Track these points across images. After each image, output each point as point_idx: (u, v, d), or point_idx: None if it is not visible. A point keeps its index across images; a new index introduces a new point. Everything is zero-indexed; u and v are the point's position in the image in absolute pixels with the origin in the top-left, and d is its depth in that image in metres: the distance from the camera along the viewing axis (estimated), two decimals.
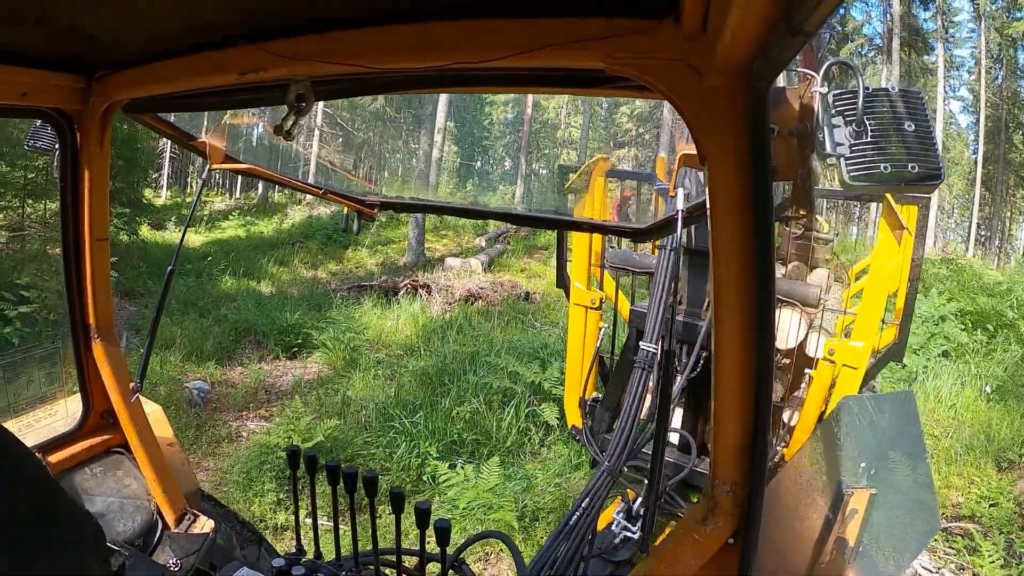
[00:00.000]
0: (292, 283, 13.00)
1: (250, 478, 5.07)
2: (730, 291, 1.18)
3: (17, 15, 1.34)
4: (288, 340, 8.76)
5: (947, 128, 29.50)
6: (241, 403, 6.84)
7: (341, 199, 2.55)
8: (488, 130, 36.47)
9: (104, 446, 2.32)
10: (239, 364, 8.08)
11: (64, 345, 2.30)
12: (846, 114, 1.08)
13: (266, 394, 7.20)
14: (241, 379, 7.57)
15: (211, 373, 7.52)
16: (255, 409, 6.78)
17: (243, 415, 6.60)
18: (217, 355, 8.10)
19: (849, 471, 2.05)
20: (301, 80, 1.36)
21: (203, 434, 5.97)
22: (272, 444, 5.41)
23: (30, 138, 2.16)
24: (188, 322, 8.99)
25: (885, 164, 1.08)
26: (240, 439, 6.01)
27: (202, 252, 14.45)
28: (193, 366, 7.58)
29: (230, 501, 4.84)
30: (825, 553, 1.80)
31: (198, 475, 4.82)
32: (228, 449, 5.79)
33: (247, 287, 12.01)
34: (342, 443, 5.81)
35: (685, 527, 1.36)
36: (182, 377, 7.11)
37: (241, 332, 8.91)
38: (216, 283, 12.01)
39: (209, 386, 7.06)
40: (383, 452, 5.70)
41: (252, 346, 8.69)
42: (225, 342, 8.54)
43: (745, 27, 0.88)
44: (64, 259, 2.09)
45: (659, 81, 1.12)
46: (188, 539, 2.23)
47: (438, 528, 1.70)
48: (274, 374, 7.85)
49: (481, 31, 1.22)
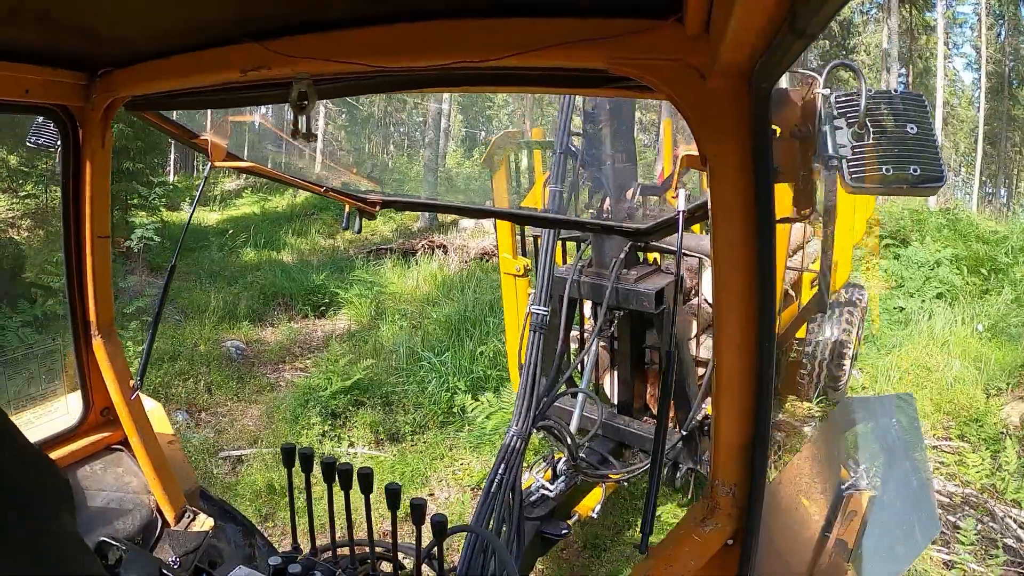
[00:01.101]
0: (312, 252, 13.40)
1: (296, 415, 5.69)
2: (731, 292, 1.18)
3: (20, 12, 1.34)
4: (315, 300, 9.31)
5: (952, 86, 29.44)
6: (276, 358, 7.45)
7: (342, 197, 2.55)
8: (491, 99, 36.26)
9: (104, 443, 2.32)
10: (270, 325, 8.63)
11: (65, 342, 2.30)
12: (848, 116, 1.08)
13: (299, 349, 7.78)
14: (273, 337, 8.14)
15: (245, 333, 8.11)
16: (290, 362, 7.38)
17: (279, 368, 7.20)
18: (249, 317, 8.65)
19: (848, 472, 2.06)
20: (304, 78, 1.36)
21: (245, 385, 6.56)
22: (314, 386, 6.01)
23: (32, 135, 2.16)
24: (218, 290, 9.46)
25: (887, 166, 1.08)
26: (279, 388, 6.60)
27: (219, 229, 14.86)
28: (228, 327, 8.11)
29: (279, 436, 5.45)
30: (824, 554, 1.80)
31: (246, 419, 5.90)
32: (269, 396, 6.36)
33: (268, 257, 12.50)
34: (377, 383, 6.33)
35: (685, 527, 1.36)
36: (218, 337, 7.66)
37: (269, 296, 9.44)
38: (239, 255, 12.50)
39: (244, 344, 7.65)
40: (415, 388, 6.21)
41: (281, 308, 9.24)
42: (255, 305, 9.08)
43: (748, 28, 0.88)
44: (65, 256, 2.09)
45: (661, 82, 1.12)
46: (187, 537, 2.23)
47: (434, 523, 1.70)
48: (304, 331, 8.44)
49: (484, 30, 1.22)
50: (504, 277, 4.36)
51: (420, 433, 5.65)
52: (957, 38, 29.84)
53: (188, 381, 6.38)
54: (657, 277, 3.41)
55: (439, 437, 5.53)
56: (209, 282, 9.95)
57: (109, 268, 2.16)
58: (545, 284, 3.27)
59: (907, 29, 28.03)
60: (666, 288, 3.29)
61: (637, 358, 3.77)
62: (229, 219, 16.52)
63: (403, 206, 3.27)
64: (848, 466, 2.08)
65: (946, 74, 28.93)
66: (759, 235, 1.12)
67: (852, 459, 2.10)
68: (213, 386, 6.43)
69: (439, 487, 4.96)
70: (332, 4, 1.28)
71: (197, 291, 9.36)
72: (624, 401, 3.74)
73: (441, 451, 5.34)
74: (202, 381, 6.43)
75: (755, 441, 1.25)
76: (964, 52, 29.85)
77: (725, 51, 0.98)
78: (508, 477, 2.78)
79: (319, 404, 5.75)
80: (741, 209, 1.12)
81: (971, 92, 29.05)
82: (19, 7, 1.31)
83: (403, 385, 6.30)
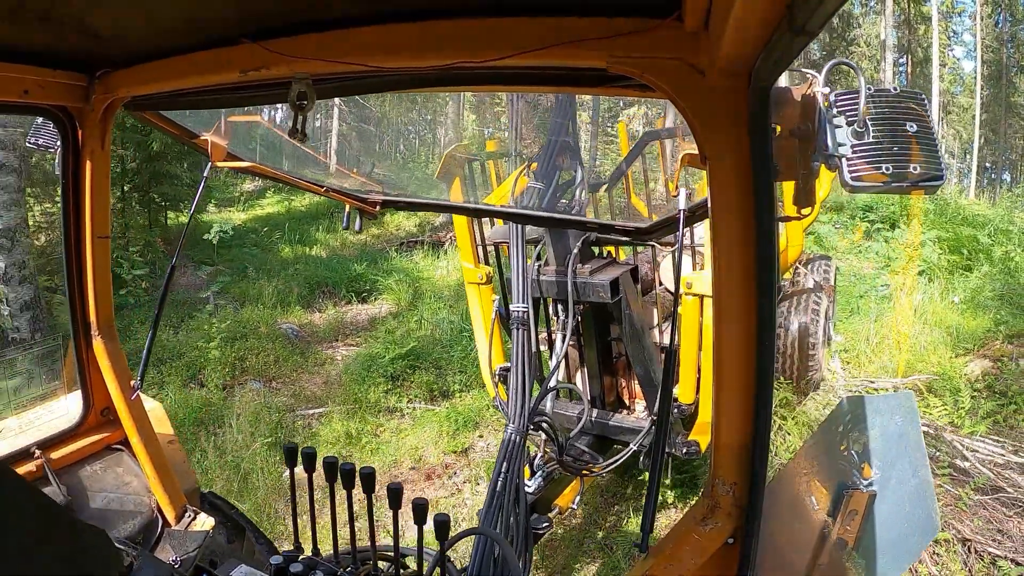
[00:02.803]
0: (342, 247, 14.13)
1: (362, 377, 6.62)
2: (731, 291, 1.18)
3: (20, 12, 1.34)
4: (357, 287, 10.26)
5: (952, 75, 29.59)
6: (328, 337, 8.38)
7: (343, 197, 2.55)
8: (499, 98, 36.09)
9: (104, 443, 2.32)
10: (318, 310, 9.51)
11: (65, 342, 2.31)
12: (848, 114, 1.08)
13: (347, 329, 8.69)
14: (322, 320, 9.04)
15: (297, 317, 9.01)
16: (341, 340, 8.29)
17: (333, 345, 8.13)
18: (298, 303, 9.57)
19: (848, 472, 2.06)
20: (303, 78, 1.36)
21: (307, 359, 7.51)
22: (374, 354, 7.11)
23: (31, 135, 2.16)
24: (268, 281, 10.37)
25: (886, 165, 1.08)
26: (336, 361, 7.53)
27: (247, 228, 15.62)
28: (281, 313, 9.00)
29: (348, 395, 6.32)
30: (824, 554, 1.80)
31: (312, 386, 6.83)
32: (328, 368, 7.31)
33: (303, 252, 13.23)
34: (427, 351, 7.17)
35: (685, 526, 1.36)
36: (274, 321, 8.53)
37: (314, 285, 10.32)
38: (275, 251, 13.30)
39: (298, 327, 8.54)
40: (460, 354, 6.95)
41: (326, 296, 10.11)
42: (303, 293, 9.98)
43: (747, 27, 0.88)
44: (65, 256, 2.09)
45: (661, 80, 1.12)
46: (188, 536, 2.23)
47: (437, 523, 1.70)
48: (349, 315, 9.37)
49: (483, 30, 1.22)
50: (468, 287, 4.44)
51: (467, 391, 6.41)
52: (957, 26, 29.91)
53: (259, 356, 7.32)
54: (612, 268, 3.46)
55: (483, 394, 6.10)
56: (255, 275, 10.88)
57: (109, 268, 2.17)
58: (520, 280, 3.31)
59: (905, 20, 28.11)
60: (621, 277, 3.34)
61: (604, 352, 3.83)
62: (255, 218, 17.13)
63: (403, 206, 3.27)
64: (848, 465, 2.08)
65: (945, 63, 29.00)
66: (759, 233, 1.12)
67: (852, 458, 2.10)
68: (279, 360, 7.34)
69: (486, 432, 5.78)
70: (331, 4, 1.28)
71: (245, 283, 10.34)
72: (596, 395, 3.78)
73: (486, 403, 5.89)
74: (270, 356, 7.36)
75: (755, 440, 1.25)
76: (964, 40, 29.92)
77: (724, 49, 0.98)
78: (512, 474, 2.80)
79: (380, 368, 6.74)
80: (741, 207, 1.12)
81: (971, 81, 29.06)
82: (19, 7, 1.31)
83: (449, 353, 7.11)
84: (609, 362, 3.89)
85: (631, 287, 3.46)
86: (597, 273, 3.38)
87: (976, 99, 28.00)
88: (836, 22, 27.94)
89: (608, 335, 3.77)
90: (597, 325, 3.69)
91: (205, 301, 8.93)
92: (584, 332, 3.66)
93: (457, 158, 4.36)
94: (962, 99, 29.57)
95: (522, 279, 3.31)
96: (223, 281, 9.99)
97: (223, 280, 10.04)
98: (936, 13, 27.21)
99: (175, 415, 5.62)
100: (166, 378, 6.58)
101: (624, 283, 3.36)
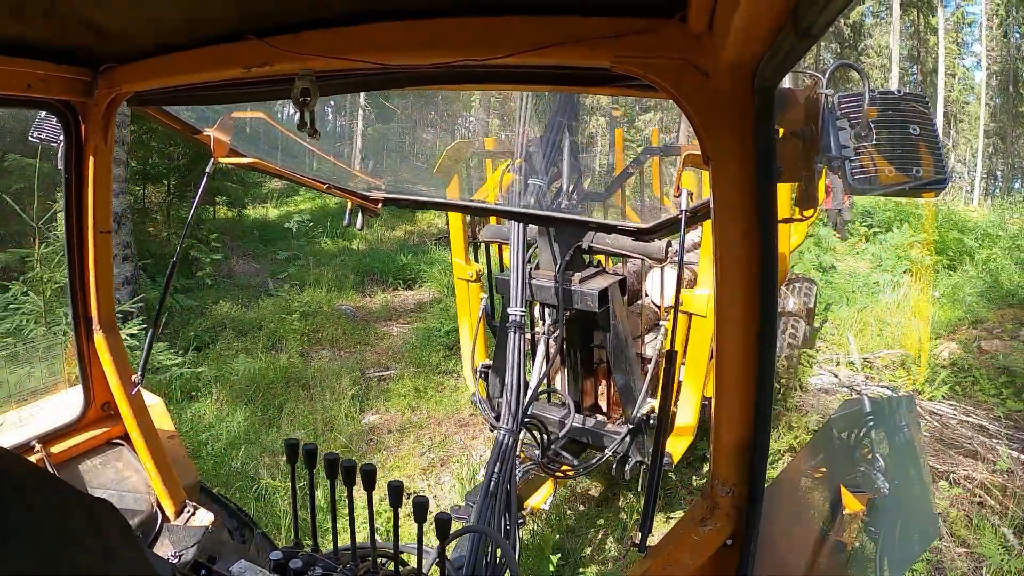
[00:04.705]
0: (379, 241, 14.94)
1: (423, 345, 7.61)
2: (732, 291, 1.18)
3: (24, 7, 1.34)
4: (404, 275, 11.23)
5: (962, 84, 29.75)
6: (382, 317, 9.37)
7: (345, 194, 2.55)
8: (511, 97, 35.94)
9: (105, 438, 2.32)
10: (368, 296, 10.52)
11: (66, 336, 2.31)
12: (851, 117, 1.07)
13: (398, 311, 9.67)
14: (373, 304, 10.04)
15: (352, 301, 10.01)
16: (395, 320, 9.30)
17: (387, 323, 9.12)
18: (351, 288, 10.54)
19: (848, 474, 2.05)
20: (306, 75, 1.36)
21: (368, 333, 8.49)
22: (431, 327, 8.16)
23: (34, 130, 2.16)
24: (320, 269, 11.29)
25: (889, 167, 1.08)
26: (392, 336, 8.50)
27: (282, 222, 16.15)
28: (336, 296, 9.99)
29: (412, 360, 7.28)
30: (823, 555, 1.80)
31: (376, 355, 7.74)
32: (386, 341, 8.28)
33: (344, 246, 14.00)
34: None
35: (684, 527, 1.36)
36: (333, 303, 9.58)
37: (362, 273, 11.27)
38: (317, 243, 13.98)
39: (354, 308, 9.58)
40: None
41: (374, 283, 11.09)
42: (355, 280, 10.98)
43: (751, 28, 0.88)
44: (67, 251, 2.09)
45: (664, 80, 1.12)
46: (187, 532, 2.23)
47: (438, 521, 1.70)
48: (398, 299, 10.39)
49: (487, 29, 1.22)
50: (457, 282, 4.48)
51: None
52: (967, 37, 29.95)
53: (327, 329, 8.37)
54: (601, 278, 3.52)
55: None
56: (312, 264, 11.77)
57: (111, 263, 2.17)
58: (519, 285, 3.34)
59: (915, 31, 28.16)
60: (610, 288, 3.40)
61: (586, 358, 3.89)
62: (287, 214, 17.64)
63: (405, 203, 3.27)
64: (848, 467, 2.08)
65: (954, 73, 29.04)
66: (761, 234, 1.12)
67: (851, 460, 2.09)
68: (345, 333, 8.34)
69: None
70: (335, 1, 1.28)
71: (295, 270, 11.30)
72: (576, 400, 3.84)
73: None
74: (337, 329, 8.39)
75: (754, 441, 1.25)
76: (974, 51, 29.99)
77: (728, 50, 0.98)
78: (504, 473, 2.85)
79: (437, 339, 7.76)
80: (743, 208, 1.12)
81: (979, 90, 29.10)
82: (23, 2, 1.31)
83: None
84: (590, 368, 3.96)
85: (618, 298, 3.51)
86: (587, 281, 3.44)
87: (982, 109, 28.07)
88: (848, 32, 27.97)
89: (591, 342, 3.84)
90: (582, 332, 3.75)
91: (264, 285, 10.32)
92: (568, 337, 3.71)
93: (456, 155, 4.39)
94: (972, 108, 29.64)
95: (520, 283, 3.35)
96: (299, 265, 11.47)
97: (298, 264, 11.51)
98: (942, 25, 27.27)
99: (266, 375, 6.61)
100: (249, 346, 7.58)
101: (612, 293, 3.42)
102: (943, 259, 11.15)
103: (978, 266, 10.73)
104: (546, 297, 3.46)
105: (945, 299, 9.28)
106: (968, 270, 10.70)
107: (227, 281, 10.59)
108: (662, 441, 1.59)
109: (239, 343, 7.64)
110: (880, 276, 10.56)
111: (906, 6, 27.74)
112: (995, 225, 12.68)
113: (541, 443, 3.35)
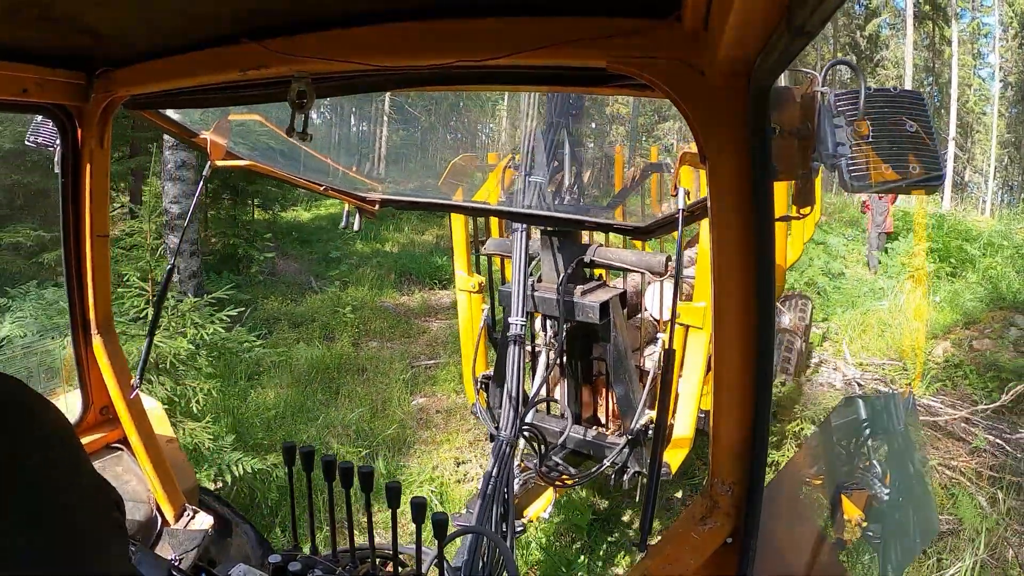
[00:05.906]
0: (410, 244, 15.57)
1: None
2: (730, 291, 1.18)
3: (19, 11, 1.34)
4: (439, 275, 11.85)
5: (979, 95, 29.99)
6: (421, 313, 10.09)
7: (342, 196, 2.55)
8: None
9: (103, 442, 2.32)
10: (406, 294, 11.27)
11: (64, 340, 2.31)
12: (847, 114, 1.08)
13: (435, 308, 10.34)
14: (411, 302, 10.77)
15: (392, 298, 10.80)
16: (433, 316, 9.99)
17: (426, 319, 9.82)
18: (391, 287, 11.32)
19: (847, 472, 2.06)
20: (302, 77, 1.36)
21: (410, 327, 9.17)
22: None
23: (31, 134, 2.16)
24: (358, 271, 11.98)
25: (886, 165, 1.08)
26: (432, 330, 9.14)
27: (315, 225, 16.78)
28: (377, 294, 10.80)
29: (453, 350, 7.56)
30: (823, 553, 1.80)
31: (419, 346, 8.37)
32: (428, 334, 8.95)
33: (378, 248, 14.71)
34: None
35: (683, 526, 1.36)
36: (375, 300, 10.35)
37: (399, 274, 12.05)
38: (352, 245, 14.56)
39: (394, 305, 10.36)
40: None
41: (411, 282, 11.87)
42: (393, 280, 11.78)
43: (746, 27, 0.88)
44: (64, 255, 2.09)
45: (660, 80, 1.12)
46: (187, 535, 2.23)
47: (435, 522, 1.70)
48: (434, 298, 11.11)
49: (483, 30, 1.22)
50: (459, 293, 4.51)
51: None
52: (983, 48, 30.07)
53: (374, 323, 9.11)
54: (602, 291, 3.53)
55: None
56: (350, 265, 12.52)
57: (108, 267, 2.16)
58: (520, 297, 3.37)
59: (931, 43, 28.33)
60: (611, 301, 3.43)
61: (586, 370, 3.90)
62: (318, 217, 18.20)
63: (402, 205, 3.27)
64: (847, 465, 2.08)
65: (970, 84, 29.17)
66: (758, 233, 1.12)
67: (851, 458, 2.10)
68: (391, 326, 9.07)
69: None
70: (331, 3, 1.28)
71: (338, 269, 12.12)
72: (575, 411, 3.86)
73: None
74: (384, 322, 9.15)
75: (754, 440, 1.25)
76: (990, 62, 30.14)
77: (723, 49, 0.98)
78: (502, 478, 2.88)
79: None
80: (740, 207, 1.12)
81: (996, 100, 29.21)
82: (18, 6, 1.31)
83: None
84: (589, 379, 3.98)
85: (619, 311, 3.53)
86: (589, 294, 3.46)
87: (993, 119, 28.16)
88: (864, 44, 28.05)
89: (591, 354, 3.86)
90: (581, 343, 3.77)
91: (308, 283, 11.16)
92: (569, 349, 3.73)
93: (462, 168, 4.42)
94: (988, 119, 29.76)
95: (522, 296, 3.37)
96: (349, 264, 12.28)
97: (349, 263, 12.29)
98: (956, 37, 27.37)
99: (323, 361, 7.27)
100: (304, 336, 8.28)
101: (613, 306, 3.44)
102: (945, 266, 11.63)
103: (979, 274, 11.16)
104: (548, 309, 3.48)
105: (945, 303, 9.78)
106: (969, 277, 11.15)
107: (272, 279, 11.26)
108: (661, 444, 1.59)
109: (294, 334, 8.37)
110: (885, 282, 11.22)
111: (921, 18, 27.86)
112: (1000, 235, 13.01)
113: (540, 453, 3.37)
